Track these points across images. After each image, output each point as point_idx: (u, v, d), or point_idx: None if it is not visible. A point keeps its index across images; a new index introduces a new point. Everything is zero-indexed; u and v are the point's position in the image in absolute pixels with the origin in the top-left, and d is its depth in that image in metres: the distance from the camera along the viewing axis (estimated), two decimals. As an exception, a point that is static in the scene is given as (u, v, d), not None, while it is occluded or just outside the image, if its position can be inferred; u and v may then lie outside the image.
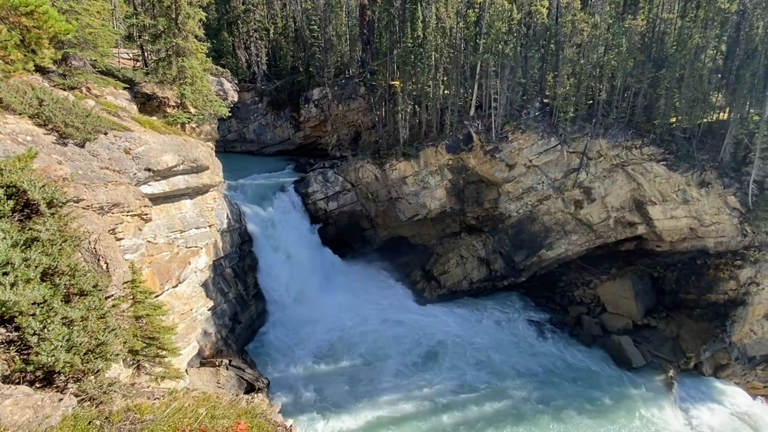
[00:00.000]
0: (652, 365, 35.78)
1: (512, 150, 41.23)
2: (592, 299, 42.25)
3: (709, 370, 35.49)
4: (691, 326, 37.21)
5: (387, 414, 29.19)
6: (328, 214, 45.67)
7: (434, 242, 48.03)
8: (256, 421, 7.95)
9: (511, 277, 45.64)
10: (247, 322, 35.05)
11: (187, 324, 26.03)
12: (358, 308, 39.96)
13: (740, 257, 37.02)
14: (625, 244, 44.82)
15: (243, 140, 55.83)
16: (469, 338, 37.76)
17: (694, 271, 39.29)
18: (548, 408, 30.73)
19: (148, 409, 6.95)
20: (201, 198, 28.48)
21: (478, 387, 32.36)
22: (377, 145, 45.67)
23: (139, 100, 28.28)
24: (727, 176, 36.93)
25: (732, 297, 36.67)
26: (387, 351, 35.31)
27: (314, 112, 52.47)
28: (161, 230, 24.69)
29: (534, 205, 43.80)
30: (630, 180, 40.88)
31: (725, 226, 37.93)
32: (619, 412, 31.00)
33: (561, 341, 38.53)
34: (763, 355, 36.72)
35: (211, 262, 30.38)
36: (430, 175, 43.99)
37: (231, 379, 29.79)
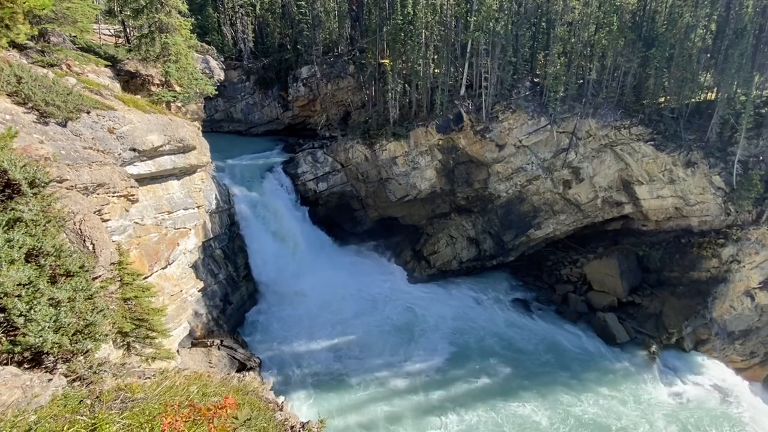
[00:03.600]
0: (635, 341, 36.80)
1: (502, 130, 41.16)
2: (579, 278, 43.02)
3: (690, 345, 36.60)
4: (673, 303, 38.17)
5: (376, 390, 29.75)
6: (318, 194, 45.46)
7: (424, 223, 48.22)
8: (248, 398, 8.05)
9: (500, 256, 46.17)
10: (238, 302, 35.13)
11: (178, 305, 26.03)
12: (348, 288, 40.21)
13: (723, 236, 37.82)
14: (612, 223, 45.47)
15: (230, 120, 54.89)
16: (457, 316, 38.35)
17: (678, 250, 40.09)
18: (533, 383, 31.55)
19: (139, 388, 6.99)
20: (188, 179, 28.11)
21: (465, 363, 33.03)
22: (367, 125, 45.24)
23: (122, 78, 27.51)
24: (712, 156, 37.41)
25: (714, 274, 37.59)
26: (377, 329, 35.76)
27: (303, 91, 51.60)
28: (149, 211, 24.41)
29: (523, 186, 44.03)
30: (618, 160, 41.20)
31: (709, 206, 38.59)
32: (602, 386, 31.96)
33: (547, 319, 39.37)
34: (741, 330, 37.92)
35: (201, 244, 30.17)
36: (420, 156, 43.85)
37: (223, 359, 30.01)
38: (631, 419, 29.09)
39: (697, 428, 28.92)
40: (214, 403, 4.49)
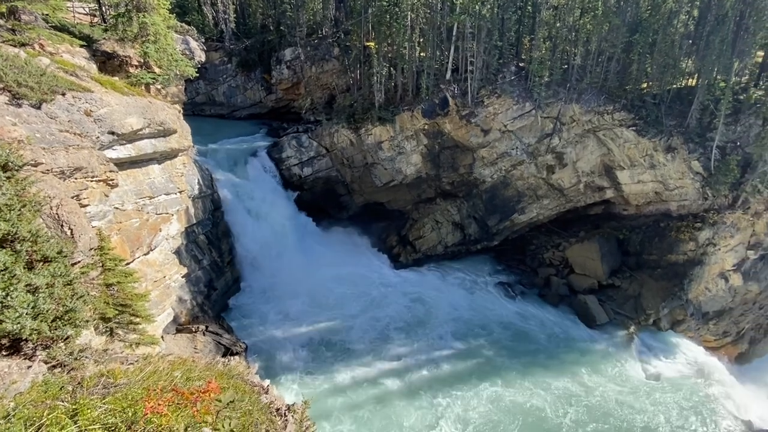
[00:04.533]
0: (614, 322, 37.84)
1: (488, 115, 41.21)
2: (561, 261, 43.82)
3: (666, 325, 37.78)
4: (651, 285, 39.23)
5: (362, 374, 30.12)
6: (303, 179, 45.09)
7: (410, 208, 48.33)
8: (233, 382, 8.07)
9: (484, 241, 46.66)
10: (222, 288, 34.93)
11: (161, 291, 25.79)
12: (334, 273, 40.29)
13: (700, 220, 38.81)
14: (594, 208, 46.24)
15: (212, 103, 53.72)
16: (442, 300, 38.84)
17: (657, 233, 41.04)
18: (516, 364, 32.30)
19: (121, 374, 6.94)
20: (170, 163, 27.60)
21: (450, 345, 33.60)
22: (352, 109, 44.78)
23: (98, 58, 26.59)
24: (692, 141, 38.11)
25: (691, 257, 38.66)
26: (363, 313, 36.02)
27: (286, 73, 50.68)
28: (129, 196, 23.95)
29: (508, 170, 44.34)
30: (601, 145, 41.70)
31: (688, 190, 39.47)
32: (582, 366, 32.89)
33: (530, 301, 40.17)
34: (715, 311, 39.28)
35: (184, 229, 29.81)
36: (406, 140, 43.70)
37: (208, 345, 29.94)
38: (609, 397, 30.06)
39: (671, 404, 30.05)
40: (198, 387, 4.49)
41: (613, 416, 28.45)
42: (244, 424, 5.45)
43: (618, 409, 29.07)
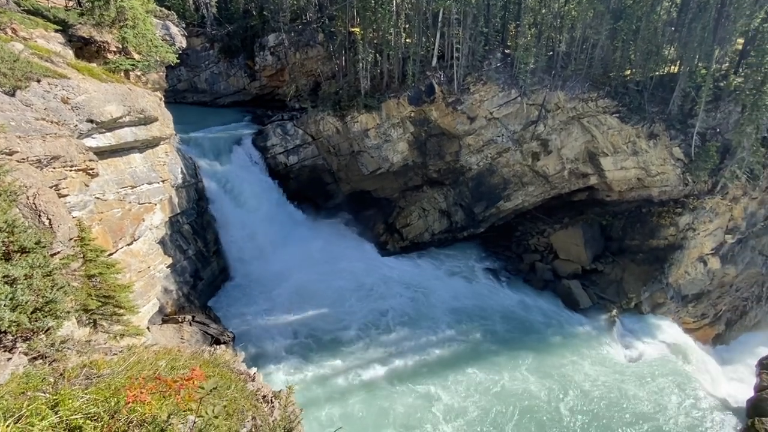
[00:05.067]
0: (597, 306, 38.66)
1: (474, 102, 41.21)
2: (546, 247, 44.45)
3: (647, 308, 38.73)
4: (633, 270, 40.08)
5: (350, 362, 30.34)
6: (289, 168, 44.69)
7: (397, 195, 48.34)
8: (219, 370, 8.07)
9: (470, 228, 47.03)
10: (209, 278, 34.68)
11: (146, 282, 25.50)
12: (321, 261, 40.29)
13: (681, 205, 39.62)
14: (578, 194, 46.83)
15: (194, 90, 52.69)
16: (429, 287, 39.17)
17: (639, 219, 41.82)
18: (502, 348, 32.86)
19: (105, 364, 6.88)
20: (151, 152, 27.10)
21: (437, 332, 33.99)
22: (338, 97, 44.34)
23: (74, 44, 25.79)
24: (673, 128, 38.69)
25: (671, 242, 39.54)
26: (351, 301, 36.17)
27: (270, 60, 49.86)
28: (110, 186, 23.52)
29: (494, 158, 44.56)
30: (585, 132, 42.10)
31: (669, 176, 40.17)
32: (567, 349, 33.62)
33: (515, 287, 40.77)
34: (694, 294, 40.39)
35: (167, 219, 29.41)
36: (393, 128, 43.52)
37: (195, 335, 29.81)
38: (591, 378, 30.84)
39: (651, 384, 30.97)
40: (182, 375, 4.48)
41: (595, 396, 29.22)
42: (229, 411, 5.49)
43: (599, 390, 29.85)
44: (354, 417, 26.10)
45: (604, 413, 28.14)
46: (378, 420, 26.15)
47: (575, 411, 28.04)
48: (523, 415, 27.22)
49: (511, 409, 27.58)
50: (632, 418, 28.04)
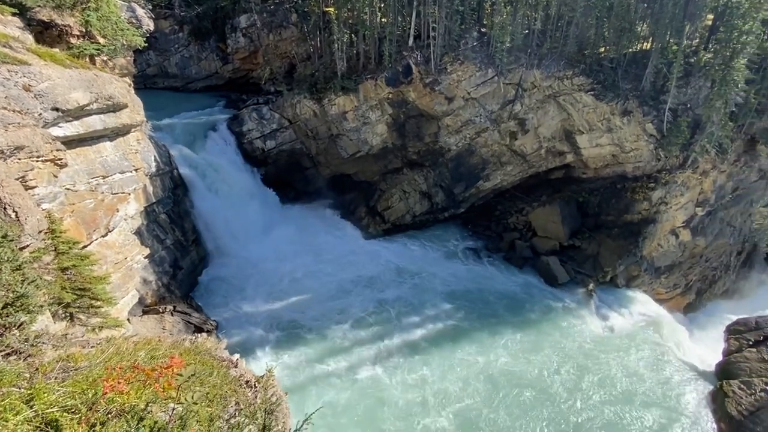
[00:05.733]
0: (575, 281, 39.73)
1: (451, 82, 41.07)
2: (525, 225, 45.22)
3: (622, 281, 39.98)
4: (609, 244, 41.18)
5: (336, 344, 30.61)
6: (267, 153, 44.01)
7: (377, 178, 48.21)
8: (201, 358, 8.05)
9: (451, 208, 47.40)
10: (188, 267, 34.23)
11: (123, 273, 25.06)
12: (303, 247, 40.16)
13: (653, 180, 40.65)
14: (555, 172, 47.54)
15: (165, 75, 50.99)
16: (412, 268, 39.56)
17: (614, 195, 42.81)
18: (485, 325, 33.59)
19: (82, 357, 6.78)
20: (122, 140, 26.30)
21: (421, 312, 34.47)
22: (314, 79, 43.57)
23: (34, 28, 24.54)
24: (646, 104, 39.39)
25: (645, 216, 40.66)
26: (334, 285, 36.29)
27: (243, 42, 48.48)
28: (81, 176, 22.81)
29: (472, 138, 44.72)
30: (561, 110, 42.52)
31: (642, 152, 41.07)
32: (546, 323, 34.60)
33: (496, 265, 41.51)
34: (666, 266, 41.83)
35: (143, 209, 28.77)
36: (371, 110, 43.13)
37: (177, 325, 29.55)
38: (570, 349, 31.90)
39: (626, 352, 32.24)
40: (160, 364, 4.46)
41: (574, 367, 30.26)
42: (209, 397, 5.49)
43: (578, 360, 30.92)
44: (340, 399, 26.47)
45: (582, 382, 29.21)
46: (364, 402, 26.58)
47: (556, 382, 29.02)
48: (506, 390, 28.02)
49: (495, 385, 28.36)
50: (609, 385, 29.20)
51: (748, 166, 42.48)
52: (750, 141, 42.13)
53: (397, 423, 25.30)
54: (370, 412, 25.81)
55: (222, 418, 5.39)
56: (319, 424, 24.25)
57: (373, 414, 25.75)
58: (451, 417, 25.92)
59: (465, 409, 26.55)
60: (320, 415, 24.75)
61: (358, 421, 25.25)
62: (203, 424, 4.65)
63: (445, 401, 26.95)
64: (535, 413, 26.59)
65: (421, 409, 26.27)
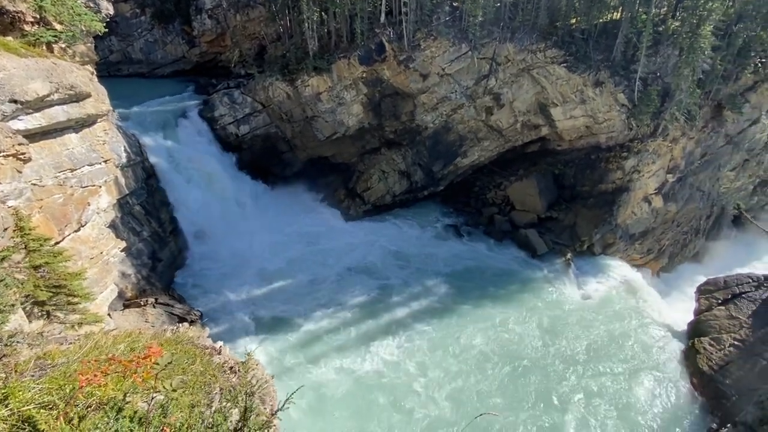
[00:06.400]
0: (553, 251, 40.67)
1: (425, 59, 40.70)
2: (503, 200, 45.84)
3: (599, 249, 41.12)
4: (585, 214, 42.15)
5: (322, 326, 30.81)
6: (241, 138, 43.12)
7: (355, 160, 47.91)
8: (183, 348, 8.02)
9: (430, 186, 47.60)
10: (168, 259, 33.70)
11: (100, 268, 24.55)
12: (284, 232, 39.92)
13: (626, 149, 41.51)
14: (531, 146, 48.04)
15: (129, 61, 49.11)
16: (394, 247, 39.83)
17: (589, 165, 43.61)
18: (468, 299, 34.24)
19: (59, 354, 6.69)
20: (89, 130, 25.36)
21: (405, 290, 34.89)
22: (285, 60, 42.56)
23: (-18, 16, 23.22)
24: (617, 75, 39.88)
25: (619, 185, 41.65)
26: (317, 268, 36.32)
27: (209, 24, 46.90)
28: (47, 170, 22.00)
29: (449, 115, 44.67)
30: (535, 84, 42.71)
31: (615, 122, 41.76)
32: (527, 294, 35.48)
33: (476, 240, 42.14)
34: (640, 232, 43.14)
35: (116, 201, 28.02)
36: (345, 90, 42.53)
37: (160, 317, 29.23)
38: (551, 318, 32.88)
39: (604, 317, 33.43)
40: (138, 354, 4.43)
41: (555, 334, 31.26)
42: (189, 384, 5.50)
43: (558, 327, 31.94)
44: (328, 382, 26.80)
45: (565, 348, 30.24)
46: (351, 384, 26.99)
47: (541, 351, 29.92)
48: (493, 362, 28.75)
49: (483, 358, 29.05)
50: (590, 349, 30.32)
51: (716, 132, 43.71)
52: (717, 107, 43.24)
53: (385, 402, 25.82)
54: (358, 394, 26.25)
55: (204, 404, 5.42)
56: (308, 407, 24.63)
57: (362, 396, 26.19)
58: (443, 394, 26.52)
59: (455, 384, 27.21)
60: (315, 399, 25.11)
61: (346, 402, 25.67)
62: (184, 411, 4.67)
63: (433, 378, 27.52)
64: (524, 383, 27.38)
65: (408, 388, 26.77)
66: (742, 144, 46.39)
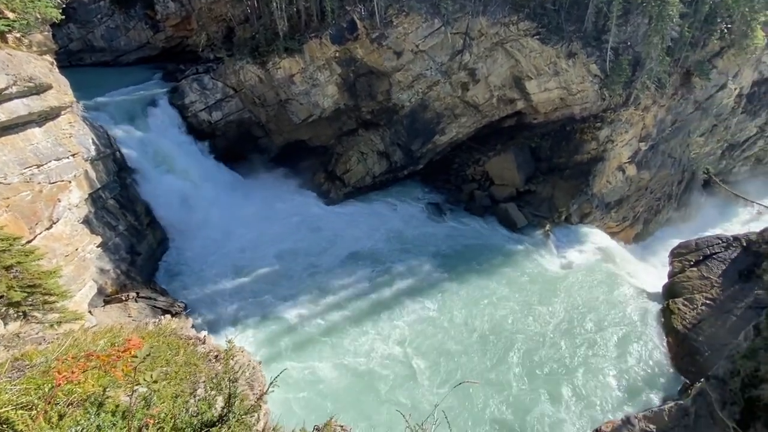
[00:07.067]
0: (533, 224, 41.42)
1: (398, 35, 40.13)
2: (482, 175, 46.21)
3: (576, 219, 42.04)
4: (562, 186, 42.88)
5: (308, 311, 30.92)
6: (214, 125, 42.11)
7: (333, 142, 47.42)
8: (166, 339, 7.96)
9: (410, 166, 47.57)
10: (147, 252, 33.10)
11: (77, 265, 24.03)
12: (265, 218, 39.51)
13: (600, 120, 42.12)
14: (507, 120, 48.26)
15: (91, 49, 47.02)
16: (377, 228, 39.95)
17: (564, 137, 44.16)
18: (452, 275, 34.75)
19: (37, 354, 6.57)
20: (53, 124, 24.44)
21: (389, 269, 35.15)
22: (255, 42, 41.37)
23: (-74, 6, 21.88)
24: (589, 45, 40.11)
25: (594, 155, 42.38)
26: (301, 253, 36.22)
27: (172, 7, 45.11)
28: (12, 167, 21.22)
29: (425, 92, 44.40)
30: (509, 57, 42.65)
31: (588, 93, 42.19)
32: (508, 266, 36.18)
33: (458, 216, 42.57)
34: (615, 200, 44.20)
35: (88, 196, 27.23)
36: (319, 71, 41.75)
37: (144, 311, 28.85)
38: (533, 289, 33.69)
39: (583, 284, 34.42)
40: (116, 348, 4.39)
41: (538, 304, 32.08)
42: (171, 375, 5.50)
43: (539, 297, 32.78)
44: (315, 367, 27.06)
45: (548, 317, 31.09)
46: (340, 366, 27.34)
47: (525, 320, 30.64)
48: (479, 336, 29.40)
49: (468, 333, 29.67)
50: (572, 316, 31.26)
51: (685, 99, 44.62)
52: (685, 74, 44.03)
53: (371, 379, 26.27)
54: (345, 374, 26.63)
55: (188, 394, 5.42)
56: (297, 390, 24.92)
57: (349, 376, 26.58)
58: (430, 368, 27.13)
59: (440, 356, 27.83)
60: (306, 383, 25.39)
61: (333, 384, 26.03)
62: (167, 402, 4.67)
63: (420, 352, 28.06)
64: (511, 354, 28.04)
65: (397, 368, 27.25)
66: (710, 109, 47.51)
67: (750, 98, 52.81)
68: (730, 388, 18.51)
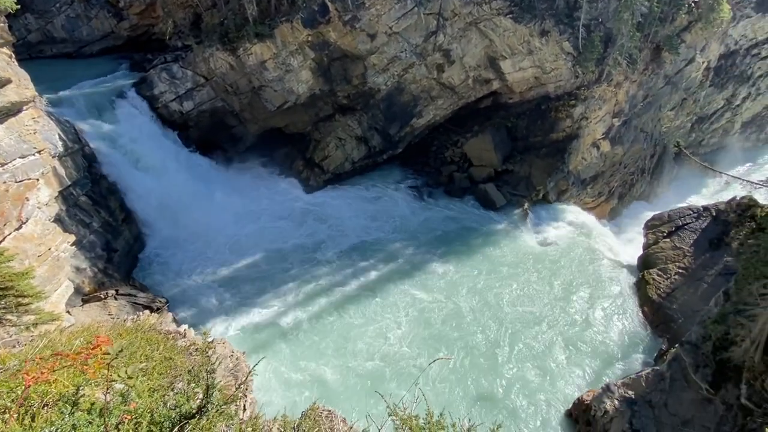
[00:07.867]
0: (511, 203, 42.02)
1: (371, 18, 39.56)
2: (461, 157, 46.43)
3: (553, 197, 42.77)
4: (539, 164, 43.45)
5: (292, 300, 30.92)
6: (186, 116, 41.04)
7: (310, 129, 46.85)
8: (144, 335, 7.88)
9: (389, 150, 47.43)
10: (124, 248, 32.42)
11: (51, 264, 23.41)
12: (244, 209, 39.08)
13: (574, 97, 42.59)
14: (484, 101, 48.39)
15: (52, 41, 45.01)
16: (358, 213, 39.97)
17: (540, 116, 44.58)
18: (434, 256, 35.14)
19: (11, 357, 6.43)
20: (14, 120, 23.48)
21: (372, 254, 35.33)
22: (224, 28, 40.19)
23: None
24: (562, 23, 40.28)
25: (569, 133, 42.96)
26: (283, 242, 36.05)
27: (136, -7, 43.40)
28: (-26, 168, 20.38)
29: (400, 75, 44.07)
30: (483, 37, 42.55)
31: (562, 71, 42.53)
32: (488, 245, 36.77)
33: (438, 198, 42.90)
34: (591, 177, 45.07)
35: (58, 193, 26.42)
36: (292, 56, 40.93)
37: (124, 308, 28.38)
38: (514, 266, 34.37)
39: (561, 260, 35.28)
40: (85, 346, 4.33)
41: (519, 281, 32.79)
42: (148, 370, 5.47)
43: (520, 273, 33.51)
44: (303, 354, 27.21)
45: (529, 293, 31.83)
46: (326, 349, 27.54)
47: (506, 298, 31.29)
48: (462, 316, 29.92)
49: (454, 313, 30.14)
50: (547, 290, 32.10)
51: (655, 74, 45.39)
52: (656, 49, 44.69)
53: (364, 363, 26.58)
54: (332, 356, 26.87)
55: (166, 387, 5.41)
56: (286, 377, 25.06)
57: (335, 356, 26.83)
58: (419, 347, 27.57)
59: (423, 334, 28.28)
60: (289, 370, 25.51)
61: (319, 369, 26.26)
62: (143, 397, 4.65)
63: (407, 335, 28.44)
64: (495, 331, 28.67)
65: (385, 348, 27.58)
66: (680, 83, 48.50)
67: (717, 71, 54.11)
68: (703, 352, 19.41)
